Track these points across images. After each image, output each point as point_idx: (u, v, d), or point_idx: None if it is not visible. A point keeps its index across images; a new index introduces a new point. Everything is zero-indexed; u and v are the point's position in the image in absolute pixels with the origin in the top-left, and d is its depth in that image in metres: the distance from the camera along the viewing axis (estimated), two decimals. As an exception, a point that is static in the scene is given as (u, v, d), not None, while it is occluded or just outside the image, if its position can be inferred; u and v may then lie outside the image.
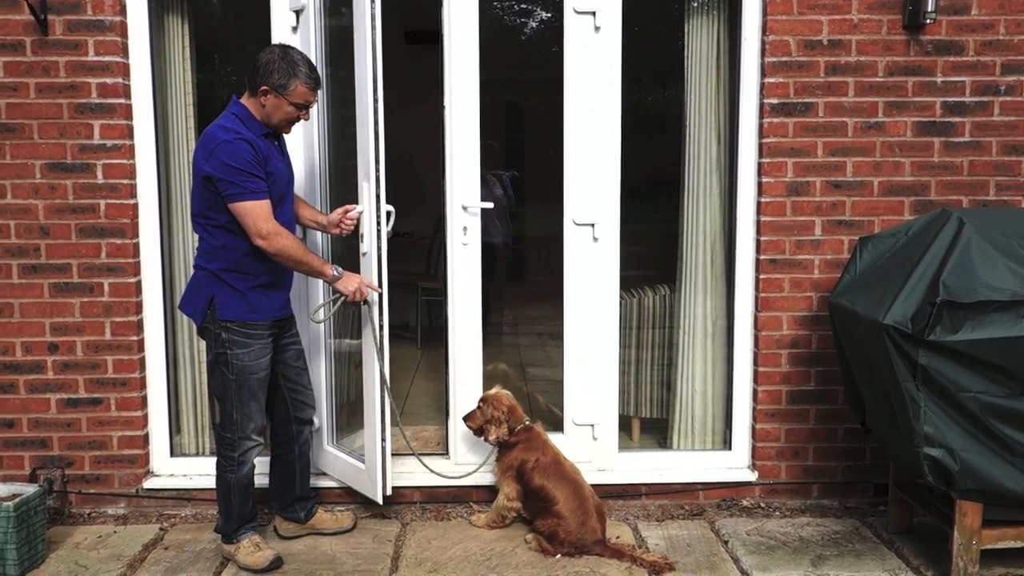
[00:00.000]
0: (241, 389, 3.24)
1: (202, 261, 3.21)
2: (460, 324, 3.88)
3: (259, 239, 3.08)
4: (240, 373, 3.23)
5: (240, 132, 3.08)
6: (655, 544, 3.56)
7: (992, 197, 3.82)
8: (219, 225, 3.13)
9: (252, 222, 3.07)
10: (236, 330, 3.20)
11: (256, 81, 3.12)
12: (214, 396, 3.38)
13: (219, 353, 3.22)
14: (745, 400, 3.99)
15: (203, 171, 3.05)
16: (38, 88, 3.64)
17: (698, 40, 3.97)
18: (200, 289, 3.21)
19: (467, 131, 3.78)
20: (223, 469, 3.33)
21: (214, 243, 3.16)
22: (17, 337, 3.74)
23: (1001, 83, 3.76)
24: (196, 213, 3.17)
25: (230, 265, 3.17)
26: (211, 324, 3.21)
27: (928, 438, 2.99)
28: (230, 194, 3.05)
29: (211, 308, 3.19)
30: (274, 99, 3.12)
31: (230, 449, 3.29)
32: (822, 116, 3.76)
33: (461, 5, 3.71)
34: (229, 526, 3.38)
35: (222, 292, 3.18)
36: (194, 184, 3.15)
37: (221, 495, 3.37)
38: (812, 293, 3.85)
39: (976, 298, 2.88)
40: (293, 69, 3.11)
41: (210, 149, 3.04)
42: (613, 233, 3.87)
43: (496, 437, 3.66)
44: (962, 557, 3.15)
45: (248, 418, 3.28)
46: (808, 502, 3.96)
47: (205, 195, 3.11)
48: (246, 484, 3.36)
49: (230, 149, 3.02)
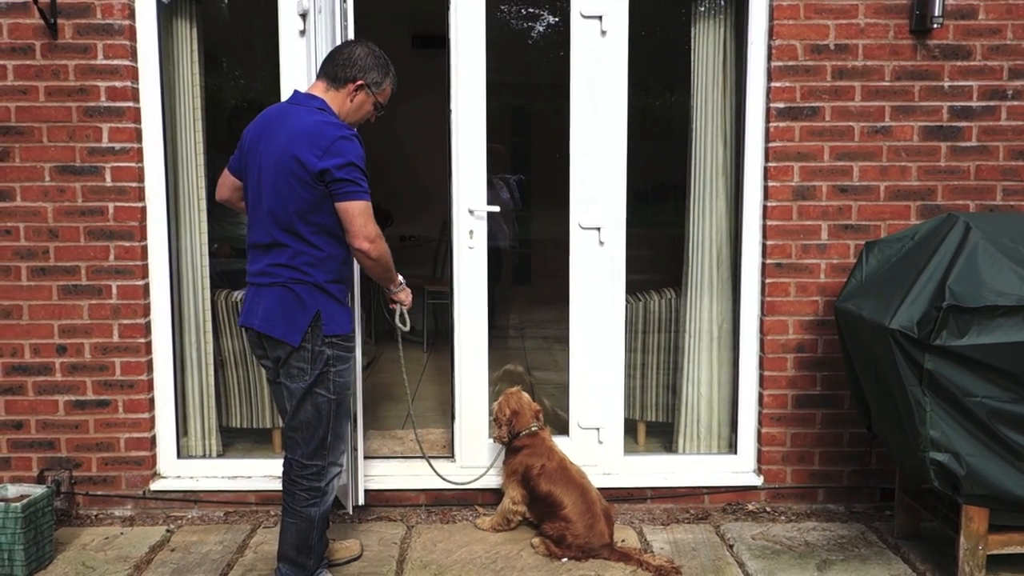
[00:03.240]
0: (339, 409, 3.00)
1: (299, 274, 2.86)
2: (466, 327, 3.89)
3: (366, 242, 2.83)
4: (340, 391, 2.98)
5: (350, 128, 2.89)
6: (660, 548, 3.56)
7: (999, 202, 3.81)
8: (322, 230, 2.85)
9: (364, 223, 2.81)
10: (341, 344, 2.95)
11: (350, 74, 2.93)
12: (294, 427, 2.99)
13: (320, 373, 2.91)
14: (751, 404, 3.99)
15: (316, 168, 2.75)
16: (47, 91, 3.66)
17: (704, 44, 3.97)
18: (300, 305, 2.86)
19: (473, 135, 3.79)
20: (304, 504, 2.99)
21: (319, 253, 2.86)
22: (26, 339, 3.76)
23: (1008, 88, 3.76)
24: (295, 216, 2.83)
25: (335, 276, 2.92)
26: (312, 343, 2.88)
27: (934, 443, 2.98)
28: (348, 192, 2.78)
29: (315, 324, 2.87)
30: (364, 96, 2.97)
31: (317, 479, 2.99)
32: (828, 120, 3.76)
33: (468, 9, 3.73)
34: (307, 569, 3.04)
35: (328, 306, 2.89)
36: (286, 186, 2.81)
37: (299, 537, 3.01)
38: (818, 297, 3.85)
39: (982, 303, 2.88)
40: (387, 68, 3.00)
41: (323, 146, 2.76)
42: (619, 237, 3.88)
43: (497, 436, 3.68)
44: (968, 562, 3.14)
45: (340, 439, 3.06)
46: (814, 506, 3.96)
47: (308, 197, 2.80)
48: (327, 514, 3.09)
49: (350, 145, 2.80)
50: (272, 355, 2.96)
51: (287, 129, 2.85)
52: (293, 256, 2.86)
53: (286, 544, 3.03)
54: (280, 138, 2.84)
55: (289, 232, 2.85)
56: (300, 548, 3.02)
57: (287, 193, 2.81)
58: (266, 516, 3.86)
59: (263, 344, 2.97)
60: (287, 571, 3.05)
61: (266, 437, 4.26)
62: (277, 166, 2.82)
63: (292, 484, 3.01)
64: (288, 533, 3.02)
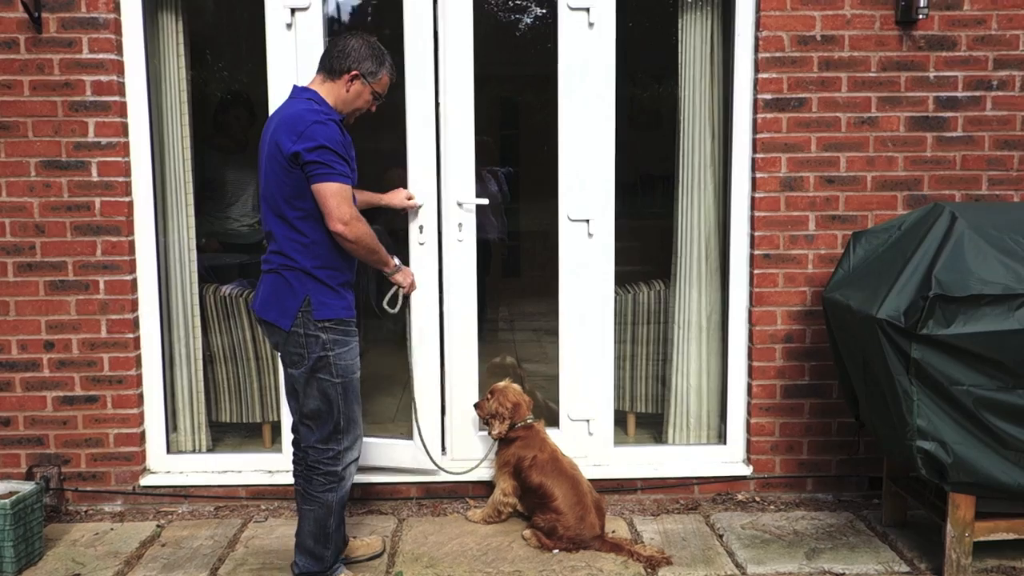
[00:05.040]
0: (347, 391, 3.02)
1: (287, 260, 2.95)
2: (456, 320, 3.89)
3: (340, 224, 2.87)
4: (345, 373, 3.01)
5: (329, 114, 2.95)
6: (651, 538, 3.58)
7: (984, 191, 3.84)
8: (307, 215, 2.91)
9: (336, 205, 2.86)
10: (336, 328, 2.98)
11: (344, 65, 3.00)
12: (305, 414, 3.02)
13: (319, 357, 2.95)
14: (740, 395, 4.01)
15: (289, 151, 2.83)
16: (32, 86, 3.64)
17: (692, 36, 3.98)
18: (288, 290, 2.95)
19: (462, 127, 3.79)
20: (321, 490, 3.01)
21: (305, 239, 2.93)
22: (13, 335, 3.74)
23: (993, 78, 3.78)
24: (281, 203, 2.92)
25: (323, 262, 2.96)
26: (304, 327, 2.94)
27: (921, 431, 3.00)
28: (319, 174, 2.84)
29: (305, 309, 2.93)
30: (360, 85, 3.04)
31: (334, 463, 3.01)
32: (815, 111, 3.78)
33: (456, 1, 3.72)
34: (324, 562, 3.06)
35: (317, 291, 2.95)
36: (272, 174, 2.92)
37: (318, 524, 3.03)
38: (806, 288, 3.87)
39: (968, 292, 2.90)
40: (382, 58, 3.07)
41: (299, 131, 2.85)
42: (608, 229, 3.88)
43: (498, 433, 3.67)
44: (955, 549, 3.17)
45: (354, 423, 3.06)
46: (802, 496, 3.98)
47: (288, 182, 2.88)
48: (345, 502, 3.11)
49: (323, 129, 2.86)
50: (271, 340, 3.11)
51: (276, 120, 2.99)
52: (282, 242, 2.96)
53: (303, 533, 3.06)
54: (270, 129, 2.99)
55: (279, 218, 2.95)
56: (318, 536, 3.04)
57: (273, 180, 2.94)
58: (256, 510, 3.86)
59: (265, 330, 3.13)
60: (304, 563, 3.07)
61: (256, 432, 4.26)
62: (267, 156, 2.96)
63: (309, 470, 3.03)
64: (305, 521, 3.05)
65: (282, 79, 3.70)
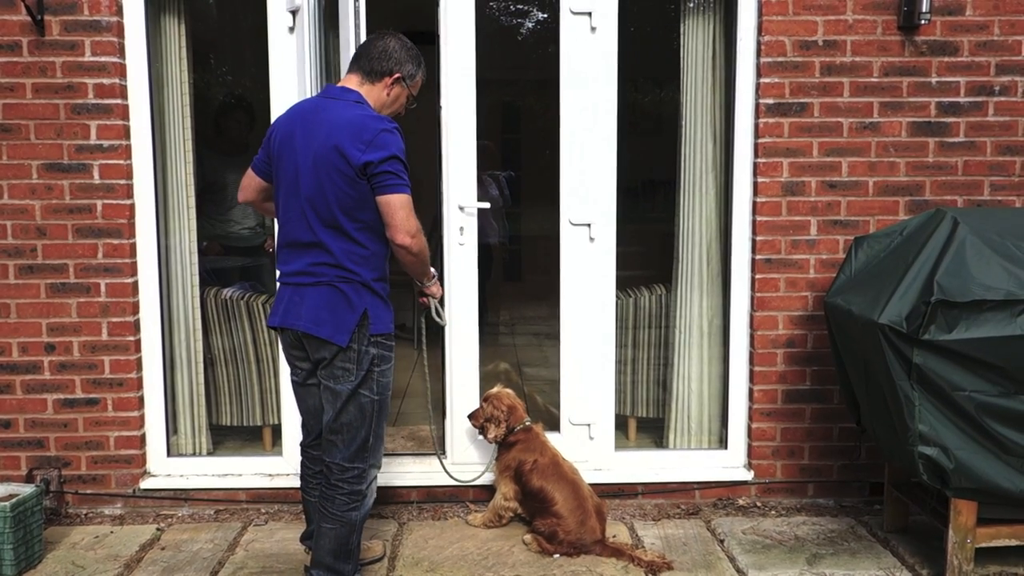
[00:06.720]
0: (381, 409, 2.93)
1: (346, 272, 2.79)
2: (457, 324, 3.89)
3: (407, 237, 2.75)
4: (383, 391, 2.91)
5: (391, 120, 2.82)
6: (651, 543, 3.57)
7: (987, 197, 3.83)
8: (366, 227, 2.79)
9: (405, 217, 2.74)
10: (384, 343, 2.89)
11: (386, 67, 2.88)
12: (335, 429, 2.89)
13: (366, 373, 2.84)
14: (741, 399, 4.01)
15: (360, 161, 2.69)
16: (35, 88, 3.64)
17: (694, 40, 3.98)
18: (348, 304, 2.79)
19: (464, 131, 3.79)
20: (345, 508, 2.89)
21: (365, 251, 2.80)
22: (14, 337, 3.74)
23: (995, 83, 3.78)
24: (339, 213, 2.75)
25: (381, 273, 2.87)
26: (359, 343, 2.81)
27: (923, 437, 3.00)
28: (390, 185, 2.71)
29: (362, 324, 2.80)
30: (400, 88, 2.93)
31: (358, 482, 2.90)
32: (817, 116, 3.78)
33: (458, 5, 3.72)
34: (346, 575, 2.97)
35: (374, 304, 2.84)
36: (329, 183, 2.74)
37: (339, 542, 2.91)
38: (808, 293, 3.86)
39: (970, 297, 2.90)
40: (419, 59, 2.97)
41: (366, 139, 2.70)
42: (609, 233, 3.88)
43: (494, 436, 3.67)
44: (957, 555, 3.16)
45: (381, 440, 2.98)
46: (804, 501, 3.97)
47: (353, 193, 2.73)
48: (367, 516, 3.02)
49: (392, 138, 2.74)
50: (315, 356, 2.87)
51: (327, 123, 2.78)
52: (339, 255, 2.78)
53: (322, 551, 2.92)
54: (319, 132, 2.77)
55: (333, 228, 2.78)
56: (338, 554, 2.92)
57: (329, 188, 2.74)
58: (256, 514, 3.85)
59: (303, 345, 2.89)
60: None
61: (256, 435, 4.25)
62: (318, 161, 2.75)
63: (332, 489, 2.90)
64: (325, 539, 2.91)
65: (284, 82, 3.70)
